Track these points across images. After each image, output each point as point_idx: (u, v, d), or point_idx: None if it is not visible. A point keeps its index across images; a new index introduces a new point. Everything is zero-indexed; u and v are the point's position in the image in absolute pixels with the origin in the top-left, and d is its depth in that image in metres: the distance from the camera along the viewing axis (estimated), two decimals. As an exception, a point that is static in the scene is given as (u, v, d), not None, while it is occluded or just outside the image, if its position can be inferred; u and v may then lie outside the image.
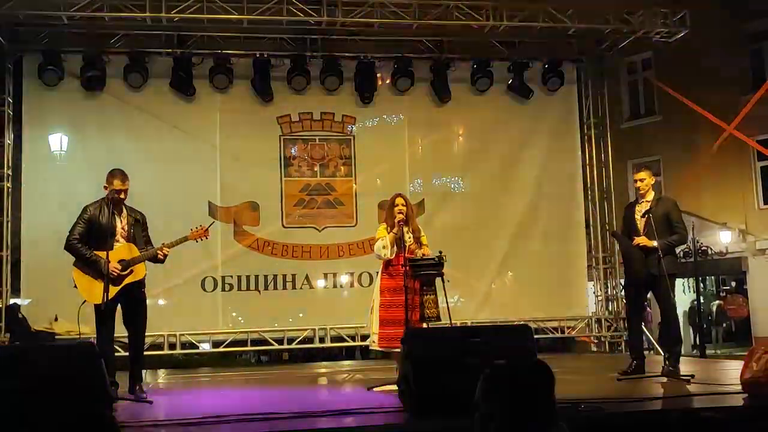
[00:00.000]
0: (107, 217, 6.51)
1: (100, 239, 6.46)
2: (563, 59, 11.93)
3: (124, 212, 6.68)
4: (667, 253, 7.25)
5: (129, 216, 6.69)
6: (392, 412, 5.27)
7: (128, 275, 6.49)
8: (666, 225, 7.34)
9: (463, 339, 5.10)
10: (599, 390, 6.37)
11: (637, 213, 7.52)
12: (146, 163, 10.56)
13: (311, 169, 11.35)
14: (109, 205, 6.56)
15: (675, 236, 7.34)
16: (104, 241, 6.43)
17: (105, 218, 6.51)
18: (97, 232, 6.49)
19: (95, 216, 6.53)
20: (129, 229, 6.64)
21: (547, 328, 11.57)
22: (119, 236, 6.57)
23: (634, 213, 7.57)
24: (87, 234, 6.50)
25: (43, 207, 10.48)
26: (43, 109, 10.64)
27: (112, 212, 6.55)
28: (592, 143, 12.30)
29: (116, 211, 6.60)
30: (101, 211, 6.55)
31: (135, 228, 6.68)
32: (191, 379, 9.36)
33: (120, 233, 6.58)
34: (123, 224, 6.62)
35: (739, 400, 5.46)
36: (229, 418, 5.19)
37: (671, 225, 7.36)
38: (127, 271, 6.48)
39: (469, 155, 11.88)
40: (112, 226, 6.52)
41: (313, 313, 11.10)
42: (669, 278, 7.14)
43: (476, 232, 11.58)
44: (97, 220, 6.51)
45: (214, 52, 10.86)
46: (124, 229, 6.62)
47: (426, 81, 11.51)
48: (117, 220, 6.59)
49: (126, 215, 6.68)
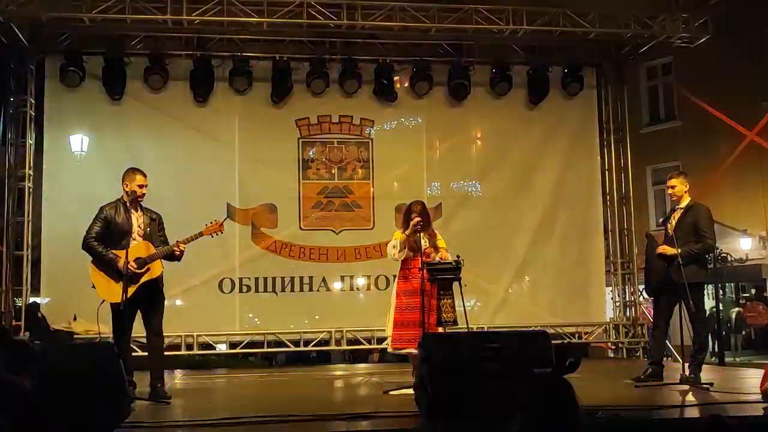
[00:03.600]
0: (123, 216, 6.55)
1: (117, 238, 6.50)
2: (583, 64, 11.89)
3: (140, 211, 6.71)
4: (691, 261, 7.11)
5: (145, 215, 6.72)
6: (408, 416, 5.26)
7: (145, 273, 6.51)
8: (693, 233, 7.24)
9: (480, 344, 5.08)
10: (617, 397, 6.32)
11: (672, 220, 7.42)
12: (165, 165, 10.62)
13: (329, 172, 11.37)
14: (126, 204, 6.60)
15: (699, 245, 7.21)
16: (121, 240, 6.48)
17: (121, 217, 6.54)
18: (114, 231, 6.52)
19: (112, 215, 6.55)
20: (145, 227, 6.66)
21: (565, 334, 11.52)
22: (136, 234, 6.59)
23: (669, 219, 7.48)
24: (104, 233, 6.52)
25: (63, 207, 10.56)
26: (64, 110, 10.73)
27: (129, 211, 6.59)
28: (611, 148, 12.25)
29: (133, 210, 6.64)
30: (117, 210, 6.58)
31: (151, 226, 6.70)
32: (208, 380, 9.38)
33: (137, 231, 6.61)
34: (139, 222, 6.65)
35: (759, 410, 5.40)
36: (244, 420, 5.19)
37: (698, 233, 7.27)
38: (143, 269, 6.50)
39: (487, 159, 11.86)
40: (129, 225, 6.56)
41: (329, 316, 11.12)
42: (694, 286, 7.03)
43: (494, 237, 11.55)
44: (114, 220, 6.54)
45: (234, 55, 10.90)
46: (140, 227, 6.64)
47: (444, 84, 11.50)
48: (133, 218, 6.62)
49: (142, 214, 6.71)
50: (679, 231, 7.23)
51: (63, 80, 10.51)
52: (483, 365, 4.95)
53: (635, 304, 12.05)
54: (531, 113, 11.85)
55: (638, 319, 11.99)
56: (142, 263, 6.48)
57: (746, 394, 6.31)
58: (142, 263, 6.48)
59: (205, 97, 10.94)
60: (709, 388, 6.69)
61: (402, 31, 10.76)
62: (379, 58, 11.32)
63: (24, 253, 10.59)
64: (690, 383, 6.96)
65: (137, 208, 6.69)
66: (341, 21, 10.31)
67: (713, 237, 7.35)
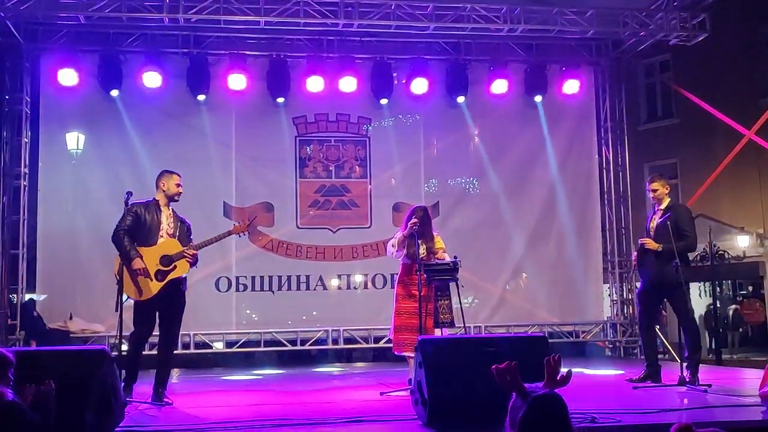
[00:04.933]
0: (154, 214, 6.57)
1: (145, 235, 6.50)
2: (580, 62, 11.85)
3: (171, 211, 6.72)
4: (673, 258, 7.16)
5: (176, 217, 6.73)
6: (405, 421, 5.24)
7: (171, 271, 6.47)
8: (675, 233, 7.29)
9: (477, 349, 5.06)
10: (614, 400, 6.31)
11: (652, 222, 7.57)
12: (161, 163, 10.51)
13: (326, 170, 11.34)
14: (158, 204, 6.63)
15: (681, 242, 7.27)
16: (148, 238, 6.48)
17: (152, 216, 6.55)
18: (143, 227, 6.51)
19: (142, 212, 6.55)
20: (175, 229, 6.65)
21: (562, 333, 11.52)
22: (165, 233, 6.59)
23: (650, 221, 7.63)
24: (134, 228, 6.49)
25: (59, 205, 10.56)
26: (59, 107, 10.68)
27: (160, 211, 6.62)
28: (609, 146, 12.23)
29: (165, 210, 6.66)
30: (148, 208, 6.59)
31: (180, 229, 6.69)
32: (204, 379, 9.36)
33: (165, 230, 6.60)
34: (169, 222, 6.65)
35: (757, 414, 5.38)
36: (241, 425, 5.17)
37: (680, 232, 7.31)
38: (170, 266, 6.47)
39: (484, 157, 11.82)
40: (158, 223, 6.57)
41: (326, 315, 11.10)
42: (677, 285, 7.13)
43: (491, 235, 11.55)
44: (144, 216, 6.53)
45: (231, 53, 10.85)
46: (170, 226, 6.64)
47: (442, 82, 11.45)
48: (163, 218, 6.63)
49: (173, 216, 6.72)
50: (662, 232, 7.32)
51: (59, 78, 10.43)
52: (480, 370, 4.92)
53: (633, 303, 12.03)
54: (529, 111, 11.82)
55: (636, 318, 11.97)
56: (168, 261, 6.46)
57: (744, 396, 6.29)
58: (168, 261, 6.46)
59: (201, 95, 10.87)
60: (707, 390, 6.69)
61: (399, 29, 10.71)
62: (377, 55, 11.27)
63: (20, 251, 10.55)
64: (687, 385, 6.99)
65: (168, 209, 6.70)
66: (338, 19, 10.26)
67: (695, 236, 7.45)
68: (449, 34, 11.28)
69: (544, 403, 2.61)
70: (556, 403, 2.62)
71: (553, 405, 2.61)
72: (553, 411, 2.60)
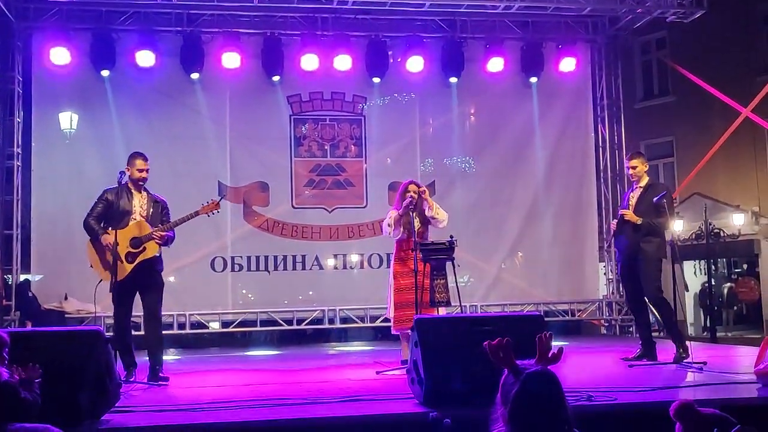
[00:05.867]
0: (125, 198, 6.61)
1: (117, 219, 6.56)
2: (577, 39, 11.77)
3: (144, 193, 6.74)
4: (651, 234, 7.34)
5: (149, 199, 6.74)
6: (401, 399, 5.24)
7: (141, 252, 6.49)
8: (654, 210, 7.37)
9: (473, 327, 5.05)
10: (610, 378, 6.32)
11: (631, 199, 7.65)
12: (155, 142, 10.53)
13: (321, 149, 11.28)
14: (128, 187, 6.64)
15: (660, 219, 7.34)
16: (120, 222, 6.53)
17: (123, 200, 6.60)
18: (115, 212, 6.57)
19: (113, 197, 6.62)
20: (148, 211, 6.67)
21: (558, 311, 11.53)
22: (137, 215, 6.62)
23: (628, 199, 7.70)
24: (105, 214, 6.61)
25: (52, 185, 10.51)
26: (52, 87, 10.60)
27: (131, 194, 6.65)
28: (605, 124, 12.19)
29: (135, 193, 6.68)
30: (119, 193, 6.64)
31: (154, 209, 6.71)
32: (200, 360, 9.36)
33: (138, 213, 6.64)
34: (141, 204, 6.68)
35: (753, 391, 5.39)
36: (237, 405, 5.16)
37: (658, 210, 7.35)
38: (140, 248, 6.48)
39: (480, 135, 11.80)
40: (130, 207, 6.61)
41: (322, 294, 11.10)
42: (653, 262, 7.31)
43: (487, 214, 11.53)
44: (115, 201, 6.59)
45: (224, 31, 10.74)
46: (143, 208, 6.67)
47: (438, 61, 11.37)
48: (135, 201, 6.66)
49: (146, 198, 6.73)
50: (641, 208, 7.45)
51: (51, 57, 10.34)
52: (476, 349, 4.91)
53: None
54: (525, 89, 11.76)
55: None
56: (137, 243, 6.48)
57: (740, 374, 6.31)
58: (138, 243, 6.48)
59: (195, 74, 10.78)
60: (702, 367, 6.71)
61: (394, 6, 10.61)
62: (372, 33, 11.17)
63: (14, 232, 10.51)
64: (682, 362, 7.02)
65: (140, 192, 6.71)
66: (333, -4, 10.17)
67: (669, 216, 7.42)
68: (445, 12, 11.19)
69: (537, 380, 2.58)
70: (550, 380, 2.60)
71: (548, 382, 2.59)
72: (548, 388, 2.57)
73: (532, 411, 2.53)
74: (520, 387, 2.57)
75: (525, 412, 2.53)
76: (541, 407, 2.54)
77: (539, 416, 2.52)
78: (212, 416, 4.80)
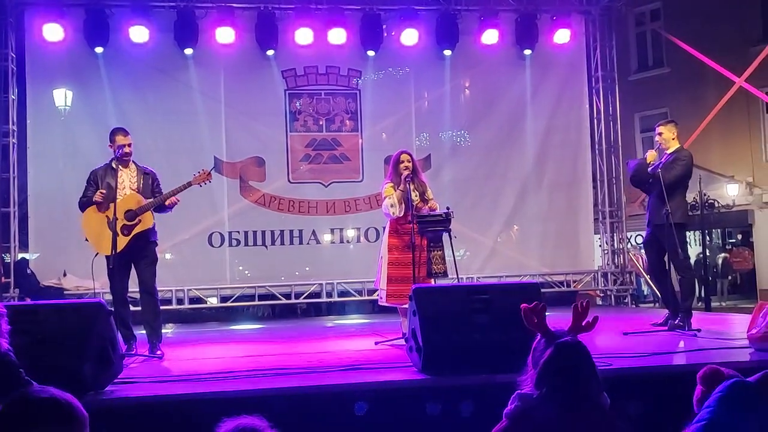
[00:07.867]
0: (112, 175, 6.64)
1: (109, 198, 6.56)
2: (571, 10, 11.75)
3: (132, 166, 6.77)
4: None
5: (138, 172, 6.77)
6: (400, 368, 5.31)
7: (137, 225, 6.53)
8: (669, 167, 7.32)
9: (470, 296, 5.11)
10: (606, 345, 6.39)
11: None
12: (150, 118, 10.56)
13: (317, 124, 11.28)
14: (113, 163, 6.67)
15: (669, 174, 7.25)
16: (109, 198, 6.55)
17: (110, 177, 6.63)
18: (106, 190, 6.58)
19: (101, 176, 6.66)
20: (138, 183, 6.71)
21: (553, 282, 11.61)
22: (127, 189, 6.66)
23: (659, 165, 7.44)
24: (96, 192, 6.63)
25: (48, 162, 10.51)
26: (46, 64, 10.55)
27: (117, 170, 6.67)
28: (599, 96, 12.19)
29: (122, 167, 6.69)
30: (106, 171, 6.68)
31: (144, 181, 6.75)
32: (199, 334, 9.42)
33: (128, 186, 6.68)
34: (130, 178, 6.71)
35: (746, 355, 5.49)
36: (237, 374, 5.23)
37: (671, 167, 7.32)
38: (135, 220, 6.52)
39: (475, 109, 11.79)
40: (120, 183, 6.64)
41: (320, 268, 11.15)
42: (677, 227, 7.13)
43: (483, 186, 11.56)
44: (103, 180, 6.63)
45: (218, 5, 10.69)
46: (131, 181, 6.70)
47: (433, 33, 11.34)
48: (124, 176, 6.69)
49: (135, 171, 6.77)
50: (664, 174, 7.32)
51: (44, 33, 10.29)
52: (473, 318, 4.99)
53: (623, 252, 12.14)
54: (519, 61, 11.75)
55: (626, 267, 12.10)
56: (132, 215, 6.53)
57: (734, 339, 6.40)
58: (133, 215, 6.53)
59: (189, 49, 10.75)
60: (696, 334, 6.81)
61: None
62: (366, 6, 11.13)
63: (11, 209, 10.52)
64: (677, 330, 7.11)
65: (127, 166, 6.74)
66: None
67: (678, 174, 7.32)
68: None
69: (567, 351, 2.70)
70: (579, 351, 2.72)
71: (578, 353, 2.71)
72: (577, 359, 2.69)
73: (560, 379, 2.64)
74: (552, 355, 2.69)
75: (552, 380, 2.65)
76: (569, 376, 2.65)
77: (566, 384, 2.64)
78: (213, 386, 4.87)
